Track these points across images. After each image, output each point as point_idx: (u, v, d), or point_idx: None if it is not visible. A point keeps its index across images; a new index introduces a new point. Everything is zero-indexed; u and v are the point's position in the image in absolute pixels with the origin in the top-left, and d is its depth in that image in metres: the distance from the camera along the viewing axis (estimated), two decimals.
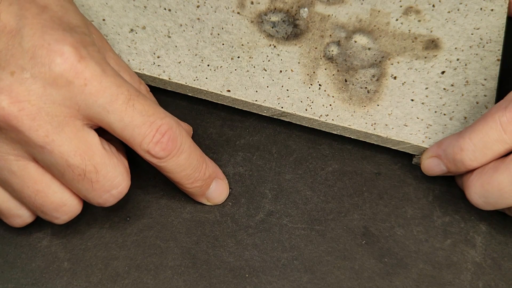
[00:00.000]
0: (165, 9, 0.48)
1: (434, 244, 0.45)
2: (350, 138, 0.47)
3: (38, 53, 0.37)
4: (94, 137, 0.39)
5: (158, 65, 0.46)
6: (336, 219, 0.46)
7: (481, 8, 0.50)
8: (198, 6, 0.49)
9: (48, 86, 0.38)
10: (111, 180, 0.40)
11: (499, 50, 0.48)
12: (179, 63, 0.47)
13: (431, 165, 0.44)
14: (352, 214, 0.46)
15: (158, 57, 0.47)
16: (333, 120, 0.45)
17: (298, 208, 0.46)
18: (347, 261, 0.44)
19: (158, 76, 0.46)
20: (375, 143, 0.46)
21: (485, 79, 0.47)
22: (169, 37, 0.47)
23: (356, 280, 0.44)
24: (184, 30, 0.48)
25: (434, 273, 0.44)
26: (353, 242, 0.45)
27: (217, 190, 0.45)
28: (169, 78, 0.46)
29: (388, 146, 0.46)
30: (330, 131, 0.46)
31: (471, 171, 0.42)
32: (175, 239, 0.45)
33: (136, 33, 0.47)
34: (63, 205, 0.40)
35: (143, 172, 0.46)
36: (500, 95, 0.47)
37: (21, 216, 0.42)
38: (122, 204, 0.45)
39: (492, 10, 0.50)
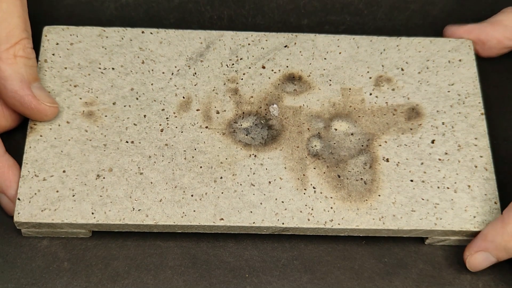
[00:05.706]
0: (127, 142, 0.44)
1: (434, 244, 0.44)
2: None
3: None
4: None
5: (139, 210, 0.42)
6: None
7: (449, 61, 0.48)
8: (162, 130, 0.44)
9: None
10: None
11: (479, 103, 0.46)
12: (160, 201, 0.42)
13: (480, 260, 0.42)
14: None
15: (135, 200, 0.42)
16: (339, 224, 0.42)
17: None
18: (347, 261, 0.44)
19: (142, 223, 0.42)
20: (385, 235, 0.44)
21: (475, 138, 0.45)
22: (141, 173, 0.43)
23: (356, 280, 0.43)
24: (155, 162, 0.43)
25: (434, 273, 0.44)
26: (353, 242, 0.44)
27: None
28: (155, 222, 0.42)
29: (399, 236, 0.44)
30: (338, 235, 0.43)
31: None
32: (175, 239, 0.44)
33: (104, 178, 0.43)
34: None
35: None
36: (494, 151, 0.45)
37: None
38: None
39: (460, 60, 0.48)
